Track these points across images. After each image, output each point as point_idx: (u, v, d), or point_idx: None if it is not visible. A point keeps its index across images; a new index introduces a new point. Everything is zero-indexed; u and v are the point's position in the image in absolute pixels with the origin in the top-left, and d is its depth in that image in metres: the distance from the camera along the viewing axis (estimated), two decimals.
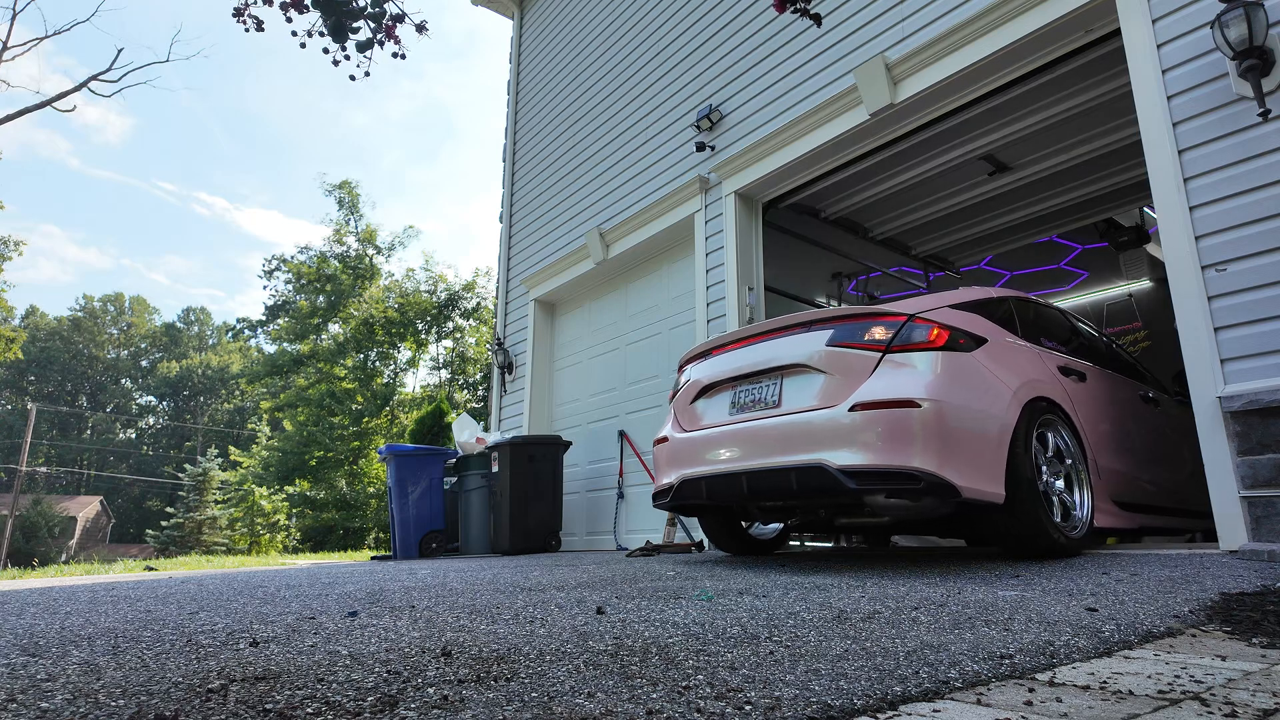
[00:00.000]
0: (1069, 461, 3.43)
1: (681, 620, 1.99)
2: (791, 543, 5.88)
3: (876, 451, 2.92)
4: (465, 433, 7.11)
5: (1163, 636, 1.75)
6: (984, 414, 3.03)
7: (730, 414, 3.58)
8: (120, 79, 34.12)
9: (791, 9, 2.89)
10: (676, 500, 3.68)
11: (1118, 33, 4.10)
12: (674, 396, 4.01)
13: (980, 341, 3.26)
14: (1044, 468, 3.25)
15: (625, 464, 7.13)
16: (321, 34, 2.97)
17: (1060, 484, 3.36)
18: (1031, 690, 1.31)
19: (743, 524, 4.31)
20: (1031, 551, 3.15)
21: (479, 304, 31.38)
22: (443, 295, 31.02)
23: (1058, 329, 4.19)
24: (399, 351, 30.67)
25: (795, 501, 3.47)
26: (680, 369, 4.10)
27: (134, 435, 58.87)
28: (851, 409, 3.01)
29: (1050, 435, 3.36)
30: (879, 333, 3.19)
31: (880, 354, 3.13)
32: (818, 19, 2.98)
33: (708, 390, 3.77)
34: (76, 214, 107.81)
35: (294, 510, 26.78)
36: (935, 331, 3.14)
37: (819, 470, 3.01)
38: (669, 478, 3.74)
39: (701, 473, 3.53)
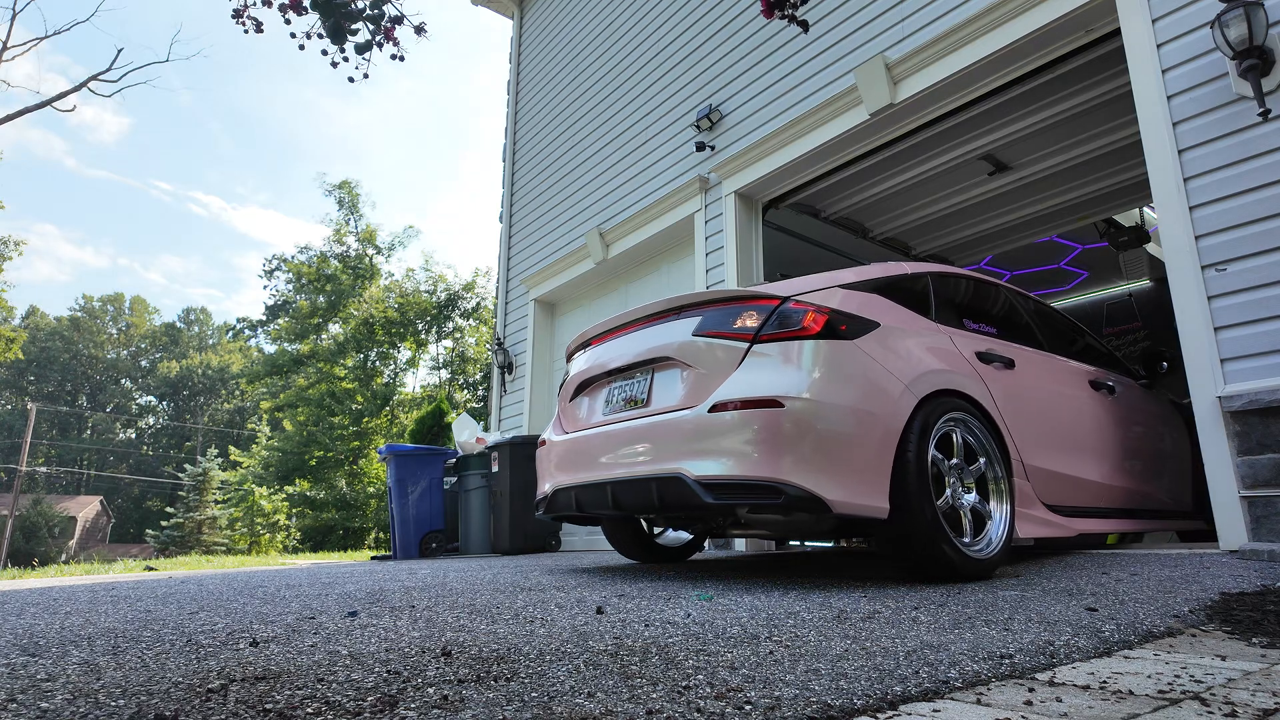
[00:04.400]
0: (982, 465, 2.94)
1: (681, 620, 1.99)
2: (792, 543, 5.87)
3: (735, 459, 2.54)
4: (465, 433, 7.11)
5: (1163, 636, 1.75)
6: (864, 413, 2.59)
7: (604, 413, 3.19)
8: (120, 79, 34.15)
9: (779, 15, 2.89)
10: (550, 512, 3.34)
11: (1118, 33, 4.10)
12: (560, 391, 3.60)
13: (869, 326, 2.80)
14: (947, 474, 2.79)
15: None
16: (320, 36, 2.97)
17: (970, 494, 2.86)
18: (1031, 690, 1.31)
19: (649, 530, 3.95)
20: (926, 574, 2.69)
21: (479, 304, 31.40)
22: (443, 295, 31.04)
23: (990, 308, 3.70)
24: (399, 351, 30.68)
25: (664, 515, 3.11)
26: (568, 359, 3.65)
27: (134, 435, 58.88)
28: (711, 410, 2.63)
29: (958, 435, 2.89)
30: (749, 319, 2.78)
31: (748, 344, 2.73)
32: (805, 25, 2.98)
33: (586, 386, 3.38)
34: (73, 213, 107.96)
35: (294, 510, 26.79)
36: (811, 316, 2.71)
37: (677, 482, 2.63)
38: (544, 486, 3.38)
39: (572, 482, 3.15)
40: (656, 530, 4.01)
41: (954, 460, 2.84)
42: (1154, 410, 4.36)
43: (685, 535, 4.10)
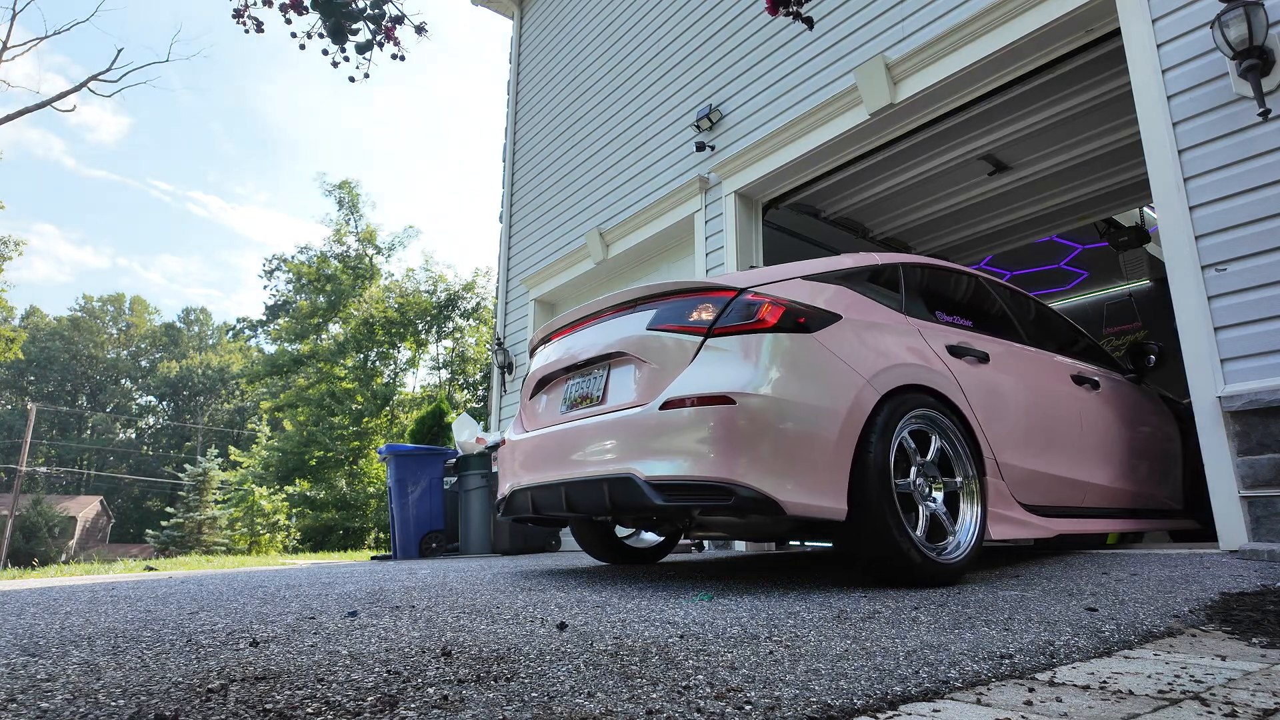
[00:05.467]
0: (952, 464, 2.82)
1: (681, 620, 1.99)
2: (792, 543, 5.87)
3: (685, 459, 2.44)
4: (465, 433, 7.11)
5: (1163, 636, 1.75)
6: (821, 409, 2.48)
7: (561, 411, 3.09)
8: (120, 79, 34.18)
9: (784, 12, 2.89)
10: (509, 513, 3.23)
11: (1118, 33, 4.11)
12: (522, 387, 3.52)
13: (830, 319, 2.68)
14: (913, 474, 2.68)
15: None
16: (321, 35, 2.97)
17: (937, 494, 2.75)
18: (1031, 690, 1.31)
19: (619, 531, 3.82)
20: (888, 578, 2.58)
21: (479, 304, 31.42)
22: (443, 295, 31.06)
23: (966, 300, 3.58)
24: (399, 351, 30.71)
25: (618, 516, 3.01)
26: (531, 353, 3.56)
27: (134, 435, 58.89)
28: (662, 407, 2.52)
29: (925, 432, 2.77)
30: (705, 312, 2.66)
31: (702, 338, 2.61)
32: (810, 22, 2.98)
33: (546, 383, 3.29)
34: (72, 213, 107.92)
35: (294, 510, 26.81)
36: (767, 308, 2.60)
37: (628, 482, 2.52)
38: (504, 486, 3.27)
39: (529, 483, 3.04)
40: (629, 531, 3.90)
41: (919, 459, 2.73)
42: (1142, 405, 4.23)
43: (655, 537, 3.99)
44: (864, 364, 2.63)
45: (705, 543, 5.45)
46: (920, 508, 2.68)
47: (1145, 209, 7.88)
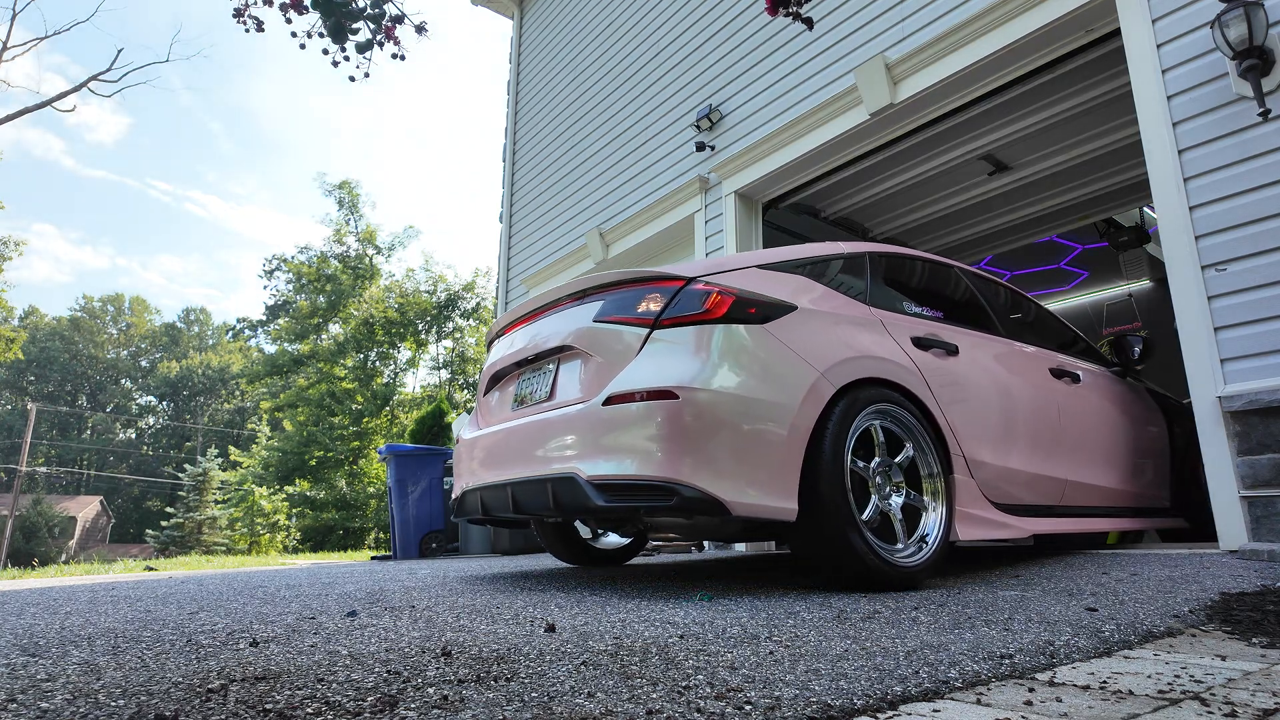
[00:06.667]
0: (914, 460, 2.70)
1: (681, 620, 1.99)
2: None
3: (627, 457, 2.34)
4: None
5: (1163, 636, 1.75)
6: (770, 404, 2.37)
7: (512, 408, 3.00)
8: (120, 79, 34.20)
9: (784, 12, 2.89)
10: (461, 515, 3.12)
11: (1118, 33, 4.11)
12: (478, 383, 3.40)
13: (784, 309, 2.57)
14: (870, 473, 2.57)
15: None
16: (321, 35, 2.98)
17: (899, 494, 2.63)
18: (1031, 690, 1.31)
19: (581, 532, 3.77)
20: (845, 582, 2.48)
21: (479, 304, 31.43)
22: (443, 295, 31.07)
23: (939, 291, 3.47)
24: (399, 351, 30.71)
25: (565, 517, 2.92)
26: (487, 348, 3.43)
27: (134, 435, 58.88)
28: (606, 403, 2.43)
29: (887, 428, 2.65)
30: (653, 303, 2.56)
31: (648, 330, 2.51)
32: (809, 22, 2.98)
33: (499, 378, 3.20)
34: (72, 213, 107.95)
35: (294, 510, 26.81)
36: (715, 299, 2.48)
37: (570, 482, 2.42)
38: (456, 487, 3.19)
39: (478, 483, 2.94)
40: (599, 532, 3.85)
41: (878, 457, 2.61)
42: (1127, 400, 4.08)
43: (621, 538, 3.92)
44: (819, 356, 2.51)
45: (705, 542, 5.45)
46: (880, 508, 2.57)
47: (1145, 209, 7.88)
